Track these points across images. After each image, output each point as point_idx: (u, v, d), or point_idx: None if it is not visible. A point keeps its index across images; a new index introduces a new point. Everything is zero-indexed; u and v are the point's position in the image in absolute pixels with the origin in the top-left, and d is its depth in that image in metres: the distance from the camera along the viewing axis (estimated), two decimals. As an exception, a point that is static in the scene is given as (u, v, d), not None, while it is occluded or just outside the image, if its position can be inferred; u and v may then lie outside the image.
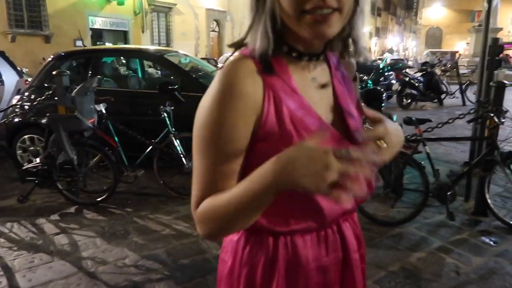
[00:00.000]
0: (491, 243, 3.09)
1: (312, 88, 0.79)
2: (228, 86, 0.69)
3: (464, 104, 10.44)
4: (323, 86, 0.81)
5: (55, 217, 3.57)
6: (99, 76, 4.55)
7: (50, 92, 3.85)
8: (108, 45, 14.95)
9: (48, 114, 3.61)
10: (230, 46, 0.78)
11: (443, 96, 10.68)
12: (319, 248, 0.81)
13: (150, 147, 4.01)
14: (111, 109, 4.07)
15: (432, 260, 2.84)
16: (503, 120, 3.31)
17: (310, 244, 0.80)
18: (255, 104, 0.71)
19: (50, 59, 5.18)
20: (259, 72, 0.72)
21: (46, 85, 4.78)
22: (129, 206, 3.83)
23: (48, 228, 3.35)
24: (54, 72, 3.78)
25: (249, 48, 0.73)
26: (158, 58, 5.28)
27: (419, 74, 11.23)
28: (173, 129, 3.94)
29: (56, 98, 3.61)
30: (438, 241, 3.10)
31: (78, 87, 3.61)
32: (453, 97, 10.74)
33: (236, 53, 0.75)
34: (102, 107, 3.95)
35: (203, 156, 0.73)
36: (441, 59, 19.01)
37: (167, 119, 3.93)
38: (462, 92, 10.54)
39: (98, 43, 16.25)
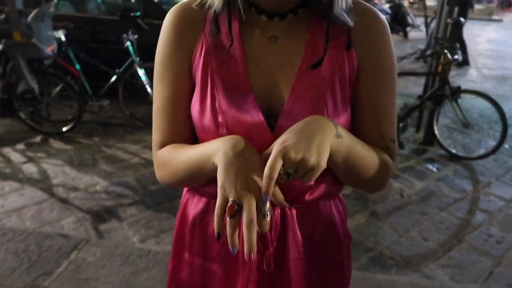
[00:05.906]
0: (434, 169, 3.43)
1: (264, 47, 0.69)
2: (168, 23, 0.72)
3: (428, 37, 10.64)
4: (285, 46, 0.69)
5: (20, 146, 3.58)
6: (55, 0, 4.29)
7: (3, 16, 3.63)
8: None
9: (3, 40, 3.45)
10: None
11: (408, 28, 10.78)
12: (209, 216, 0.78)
13: (114, 76, 3.96)
14: (70, 36, 3.92)
15: (380, 184, 3.13)
16: (456, 57, 3.50)
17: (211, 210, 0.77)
18: (190, 48, 0.71)
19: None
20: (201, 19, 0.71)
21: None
22: (96, 135, 3.87)
23: (14, 157, 3.37)
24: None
25: None
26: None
27: (387, 5, 11.16)
28: (138, 58, 3.88)
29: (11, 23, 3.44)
30: (387, 168, 3.40)
31: (33, 12, 3.43)
32: (418, 30, 10.85)
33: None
34: (61, 34, 3.80)
35: (158, 90, 0.73)
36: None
37: (130, 48, 3.85)
38: (427, 26, 10.66)
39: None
